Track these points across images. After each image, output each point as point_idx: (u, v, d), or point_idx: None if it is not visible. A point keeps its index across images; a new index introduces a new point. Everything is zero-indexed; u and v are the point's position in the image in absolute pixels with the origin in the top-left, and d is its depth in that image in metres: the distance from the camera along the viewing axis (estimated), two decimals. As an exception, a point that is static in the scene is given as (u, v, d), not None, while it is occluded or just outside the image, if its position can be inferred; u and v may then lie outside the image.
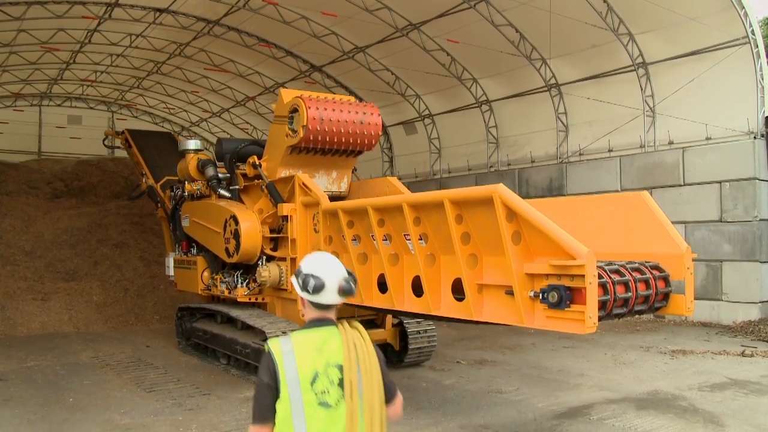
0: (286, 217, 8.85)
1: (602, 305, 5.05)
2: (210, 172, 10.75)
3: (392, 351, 9.88)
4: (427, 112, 21.98)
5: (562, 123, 17.87)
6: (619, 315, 5.48)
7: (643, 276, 5.58)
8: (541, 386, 8.68)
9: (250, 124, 28.16)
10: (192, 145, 11.55)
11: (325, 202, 8.08)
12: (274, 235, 9.40)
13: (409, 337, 9.58)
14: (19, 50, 20.65)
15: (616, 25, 15.32)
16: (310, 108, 8.75)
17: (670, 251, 5.87)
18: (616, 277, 5.30)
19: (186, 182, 11.46)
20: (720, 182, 14.17)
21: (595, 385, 8.74)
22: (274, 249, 9.47)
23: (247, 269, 9.98)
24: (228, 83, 24.74)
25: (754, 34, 13.67)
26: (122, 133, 15.57)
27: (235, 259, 9.52)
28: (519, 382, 8.91)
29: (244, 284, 9.86)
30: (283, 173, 9.30)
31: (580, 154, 17.33)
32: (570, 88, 17.42)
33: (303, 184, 8.71)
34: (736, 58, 13.92)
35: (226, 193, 10.34)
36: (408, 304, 6.69)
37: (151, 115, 30.14)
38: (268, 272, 9.08)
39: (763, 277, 13.62)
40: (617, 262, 5.61)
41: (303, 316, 2.88)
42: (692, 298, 5.89)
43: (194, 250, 11.55)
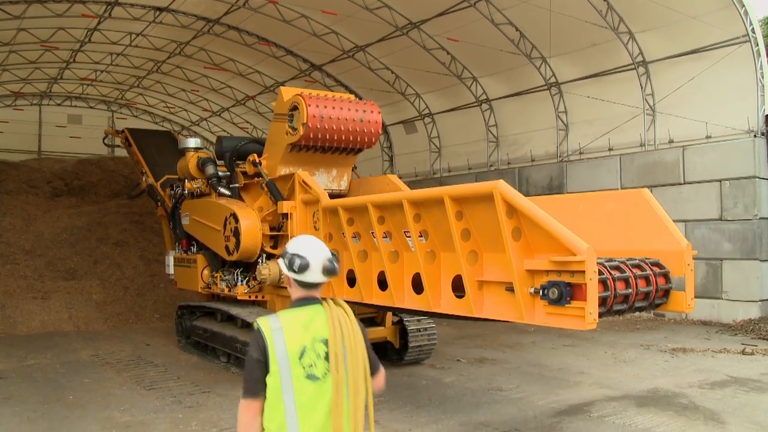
0: (286, 214, 8.84)
1: (602, 301, 5.04)
2: (210, 170, 10.74)
3: (392, 349, 9.88)
4: (427, 111, 21.98)
5: (562, 122, 17.86)
6: (620, 311, 5.47)
7: (644, 272, 5.57)
8: (541, 384, 8.68)
9: (250, 124, 28.15)
10: (192, 143, 11.55)
11: (325, 200, 8.07)
12: (274, 233, 9.39)
13: (409, 335, 9.57)
14: (19, 49, 20.65)
15: (616, 24, 15.32)
16: (310, 106, 8.74)
17: (671, 248, 5.86)
18: (616, 274, 5.28)
19: (186, 180, 11.46)
20: (720, 181, 14.17)
21: (596, 382, 8.74)
22: (274, 247, 9.47)
23: (247, 267, 9.98)
24: (228, 82, 24.74)
25: (754, 33, 13.66)
26: (122, 131, 15.58)
27: (235, 256, 9.52)
28: (519, 380, 8.90)
29: (244, 282, 9.86)
30: (283, 171, 9.29)
31: (580, 153, 17.33)
32: (570, 87, 17.41)
33: (303, 181, 8.70)
34: (736, 57, 13.92)
35: (226, 191, 10.33)
36: (408, 301, 6.67)
37: (151, 114, 30.15)
38: (268, 270, 9.08)
39: (764, 275, 13.62)
40: (617, 259, 5.59)
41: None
42: (692, 295, 5.87)
43: (194, 249, 11.54)
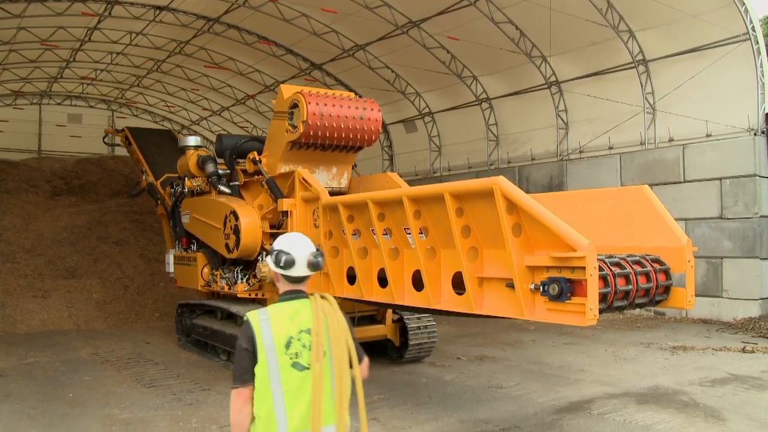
0: (286, 212, 8.82)
1: (603, 297, 5.03)
2: (210, 168, 10.74)
3: (392, 347, 9.88)
4: (427, 110, 21.97)
5: (563, 120, 17.86)
6: (620, 308, 5.47)
7: (644, 269, 5.57)
8: (541, 381, 8.68)
9: (250, 123, 28.15)
10: (192, 141, 11.53)
11: (325, 197, 8.06)
12: (274, 231, 9.38)
13: (410, 333, 9.57)
14: (19, 48, 20.64)
15: (617, 22, 15.31)
16: (310, 103, 8.74)
17: (671, 244, 5.86)
18: (616, 270, 5.28)
19: (186, 179, 11.45)
20: (720, 179, 14.16)
21: (596, 380, 8.73)
22: (274, 245, 9.45)
23: (247, 265, 9.98)
24: (228, 81, 24.74)
25: (754, 31, 13.66)
26: (122, 130, 15.58)
27: (235, 254, 9.52)
28: (519, 378, 8.90)
29: (244, 280, 9.85)
30: (283, 169, 9.28)
31: (581, 152, 17.32)
32: (570, 86, 17.41)
33: (303, 179, 8.69)
34: (736, 55, 13.91)
35: (226, 189, 10.33)
36: (408, 298, 6.66)
37: (151, 113, 30.15)
38: (268, 268, 9.03)
39: (764, 273, 13.61)
40: (618, 256, 5.59)
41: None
42: (693, 292, 5.87)
43: (194, 247, 11.55)
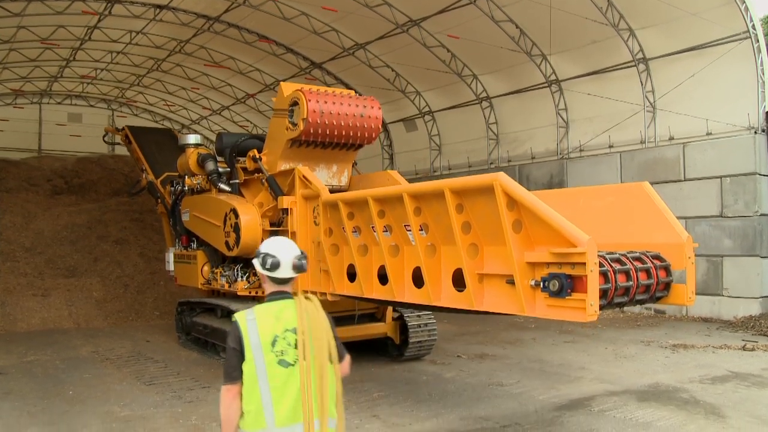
0: (287, 210, 8.81)
1: (603, 294, 5.03)
2: (210, 166, 10.72)
3: (393, 345, 9.88)
4: (427, 109, 21.96)
5: (563, 119, 17.85)
6: (620, 304, 5.46)
7: (644, 265, 5.56)
8: (542, 379, 8.67)
9: (250, 122, 28.15)
10: (192, 139, 11.52)
11: (326, 194, 8.05)
12: (275, 229, 9.36)
13: (410, 331, 9.57)
14: (19, 47, 20.65)
15: (617, 21, 15.30)
16: (310, 101, 8.73)
17: (671, 241, 5.85)
18: (617, 266, 5.27)
19: (186, 177, 11.44)
20: (720, 177, 14.15)
21: (596, 378, 8.73)
22: (275, 242, 9.44)
23: (247, 263, 9.95)
24: (228, 80, 24.73)
25: (755, 29, 13.64)
26: (122, 129, 15.58)
27: (235, 252, 9.51)
28: (520, 375, 8.90)
29: (244, 278, 9.85)
30: (284, 166, 9.27)
31: (581, 150, 17.31)
32: (570, 84, 17.40)
33: (303, 176, 8.68)
34: (736, 53, 13.89)
35: (226, 187, 10.31)
36: (408, 295, 6.65)
37: (152, 113, 30.16)
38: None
39: (764, 272, 13.60)
40: (618, 252, 5.58)
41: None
42: (693, 288, 5.86)
43: (194, 245, 11.54)
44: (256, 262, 3.32)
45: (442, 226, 5.98)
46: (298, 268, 3.31)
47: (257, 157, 9.61)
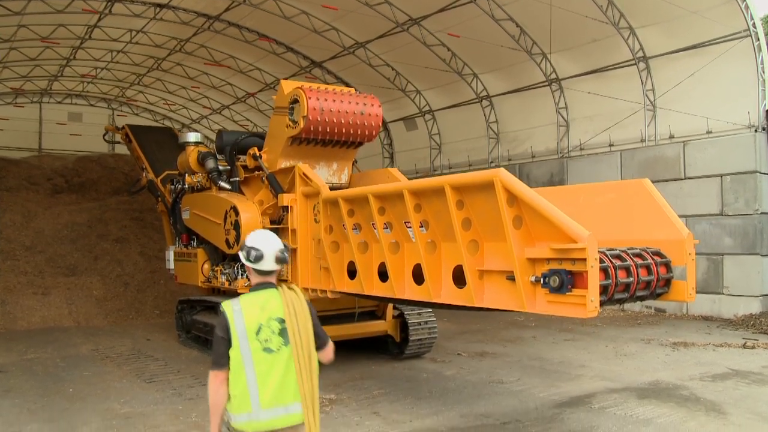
0: (287, 207, 8.83)
1: (604, 290, 5.03)
2: (210, 164, 10.71)
3: (393, 342, 9.87)
4: (427, 108, 21.96)
5: (563, 118, 17.84)
6: (621, 300, 5.46)
7: (645, 261, 5.56)
8: (542, 377, 8.67)
9: (251, 121, 28.13)
10: (192, 137, 11.52)
11: (326, 192, 8.05)
12: (275, 226, 9.35)
13: (410, 329, 9.56)
14: (20, 46, 20.63)
15: (617, 19, 15.29)
16: (310, 98, 8.73)
17: (672, 237, 5.85)
18: (617, 262, 5.27)
19: (186, 175, 11.44)
20: (721, 176, 14.14)
21: (597, 375, 8.73)
22: (275, 240, 9.44)
23: (248, 261, 9.95)
24: (228, 80, 24.73)
25: (755, 27, 13.63)
26: (122, 128, 15.57)
27: (235, 250, 9.49)
28: (520, 373, 8.89)
29: (245, 276, 9.84)
30: (284, 164, 9.27)
31: (581, 149, 17.30)
32: (570, 83, 17.40)
33: (303, 174, 8.68)
34: (737, 52, 13.89)
35: (227, 185, 10.31)
36: (409, 292, 6.65)
37: (152, 112, 30.16)
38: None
39: (764, 270, 13.59)
40: (619, 248, 5.58)
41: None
42: (694, 285, 5.86)
43: (194, 243, 11.54)
44: (241, 255, 3.51)
45: (443, 223, 5.98)
46: (281, 261, 3.50)
47: (257, 154, 9.61)
